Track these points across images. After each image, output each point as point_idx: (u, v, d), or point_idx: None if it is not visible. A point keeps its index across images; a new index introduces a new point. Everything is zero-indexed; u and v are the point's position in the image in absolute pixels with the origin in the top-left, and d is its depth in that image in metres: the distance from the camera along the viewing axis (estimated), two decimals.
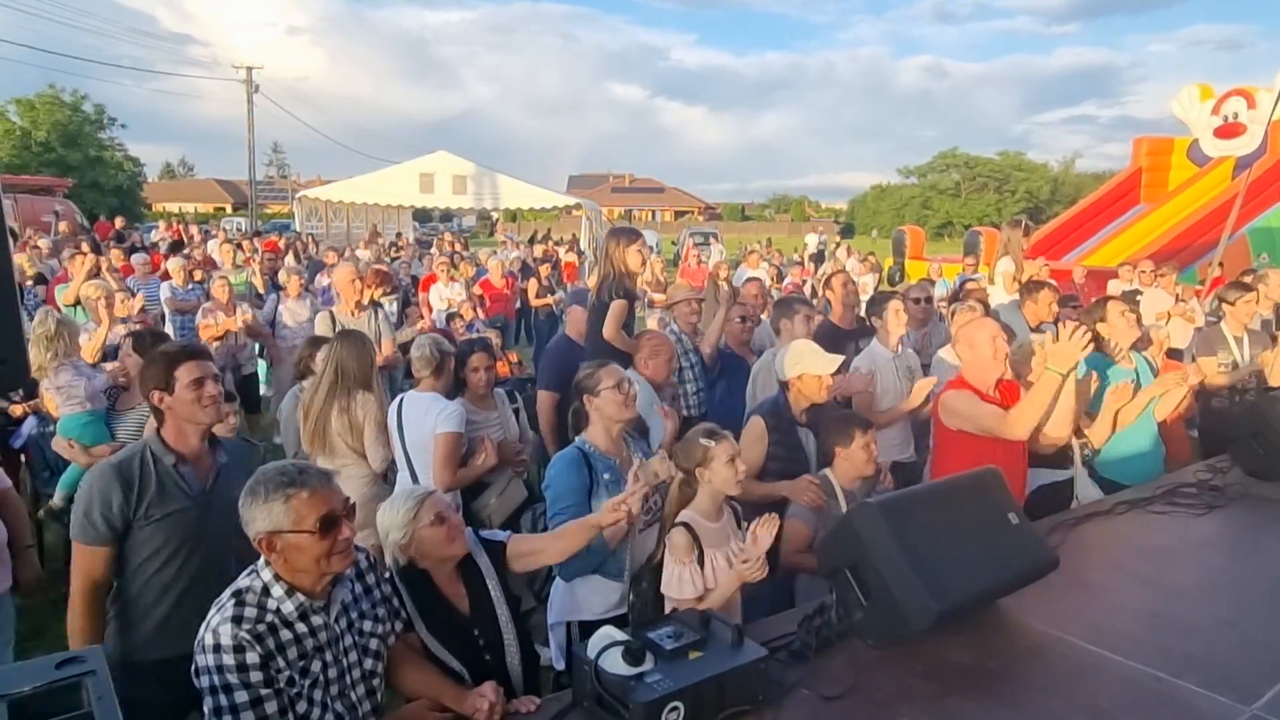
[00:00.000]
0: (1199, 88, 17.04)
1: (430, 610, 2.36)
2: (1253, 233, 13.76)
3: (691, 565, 2.55)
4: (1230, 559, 3.02)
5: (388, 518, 2.38)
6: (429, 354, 3.73)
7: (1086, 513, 3.32)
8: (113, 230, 19.33)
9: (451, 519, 2.39)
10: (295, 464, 1.93)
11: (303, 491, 1.83)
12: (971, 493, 2.46)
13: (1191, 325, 7.30)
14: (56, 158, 35.29)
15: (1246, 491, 3.54)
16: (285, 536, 1.83)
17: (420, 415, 3.59)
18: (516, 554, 2.53)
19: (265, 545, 1.85)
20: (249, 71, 32.42)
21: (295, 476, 1.85)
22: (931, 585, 2.13)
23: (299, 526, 1.82)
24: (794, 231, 52.98)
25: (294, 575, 1.87)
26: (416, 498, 2.38)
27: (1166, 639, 2.31)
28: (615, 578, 2.87)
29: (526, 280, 12.02)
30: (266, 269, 9.77)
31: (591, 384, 2.93)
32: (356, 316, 5.64)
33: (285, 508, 1.82)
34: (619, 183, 78.25)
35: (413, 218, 28.69)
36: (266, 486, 1.84)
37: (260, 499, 1.83)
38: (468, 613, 2.40)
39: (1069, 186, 60.71)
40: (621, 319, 4.13)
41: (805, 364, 3.49)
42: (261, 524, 1.83)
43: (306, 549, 1.83)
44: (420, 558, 2.38)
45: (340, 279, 5.81)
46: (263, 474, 1.88)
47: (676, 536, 2.59)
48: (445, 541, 2.35)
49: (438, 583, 2.40)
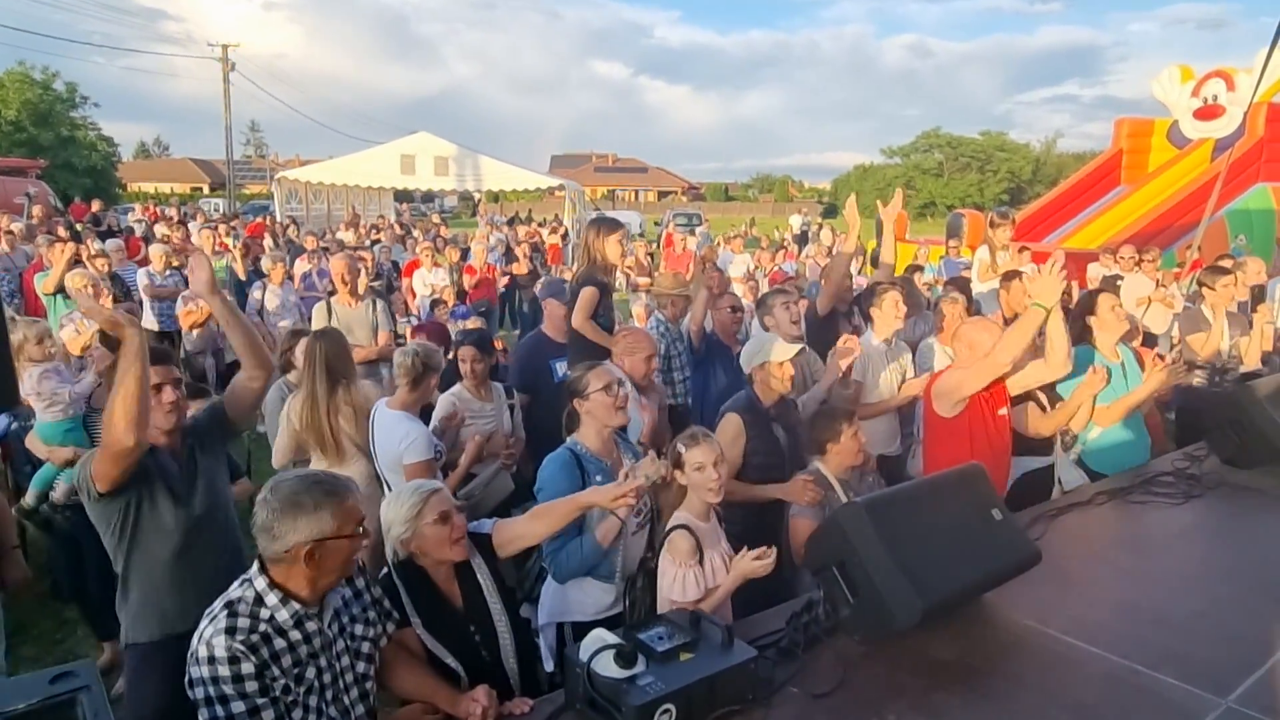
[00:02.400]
0: (1179, 69, 17.09)
1: (427, 608, 2.37)
2: (1230, 214, 13.86)
3: (695, 568, 2.57)
4: (1207, 549, 3.08)
5: (392, 510, 2.39)
6: (411, 364, 3.54)
7: (1067, 503, 3.38)
8: (89, 213, 19.03)
9: (456, 520, 2.38)
10: (322, 473, 2.05)
11: (348, 499, 1.95)
12: (955, 490, 2.50)
13: (1171, 311, 7.40)
14: (28, 137, 34.62)
15: (1223, 480, 3.61)
16: (329, 543, 1.88)
17: (386, 437, 3.47)
18: (502, 542, 2.54)
19: (306, 555, 1.87)
20: (225, 50, 31.88)
21: (334, 486, 1.95)
22: (917, 583, 2.17)
23: (342, 531, 1.91)
24: (778, 211, 53.01)
25: (302, 583, 1.90)
26: (422, 494, 2.38)
27: (1145, 631, 2.37)
28: (607, 579, 2.88)
29: (510, 264, 11.96)
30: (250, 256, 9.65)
31: (581, 386, 2.92)
32: (354, 306, 5.57)
33: (337, 513, 1.90)
34: (602, 162, 77.71)
35: (394, 199, 28.42)
36: (312, 496, 1.89)
37: (307, 510, 1.87)
38: (463, 610, 2.41)
39: (1050, 167, 61.01)
40: (591, 307, 4.07)
41: (765, 352, 3.51)
42: (307, 532, 1.86)
43: (344, 552, 1.93)
44: (420, 554, 2.39)
45: (337, 270, 5.72)
46: (297, 484, 1.92)
47: (679, 540, 2.59)
48: (447, 542, 2.36)
49: (435, 580, 2.41)
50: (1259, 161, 14.89)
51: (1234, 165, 11.79)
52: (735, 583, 2.56)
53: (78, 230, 12.63)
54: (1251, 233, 13.70)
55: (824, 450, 3.34)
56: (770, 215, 49.95)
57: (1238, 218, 13.89)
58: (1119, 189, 17.47)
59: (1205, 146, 16.24)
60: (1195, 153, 16.39)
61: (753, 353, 3.56)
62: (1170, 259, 11.94)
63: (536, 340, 4.59)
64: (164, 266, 8.46)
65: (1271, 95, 15.28)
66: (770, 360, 3.48)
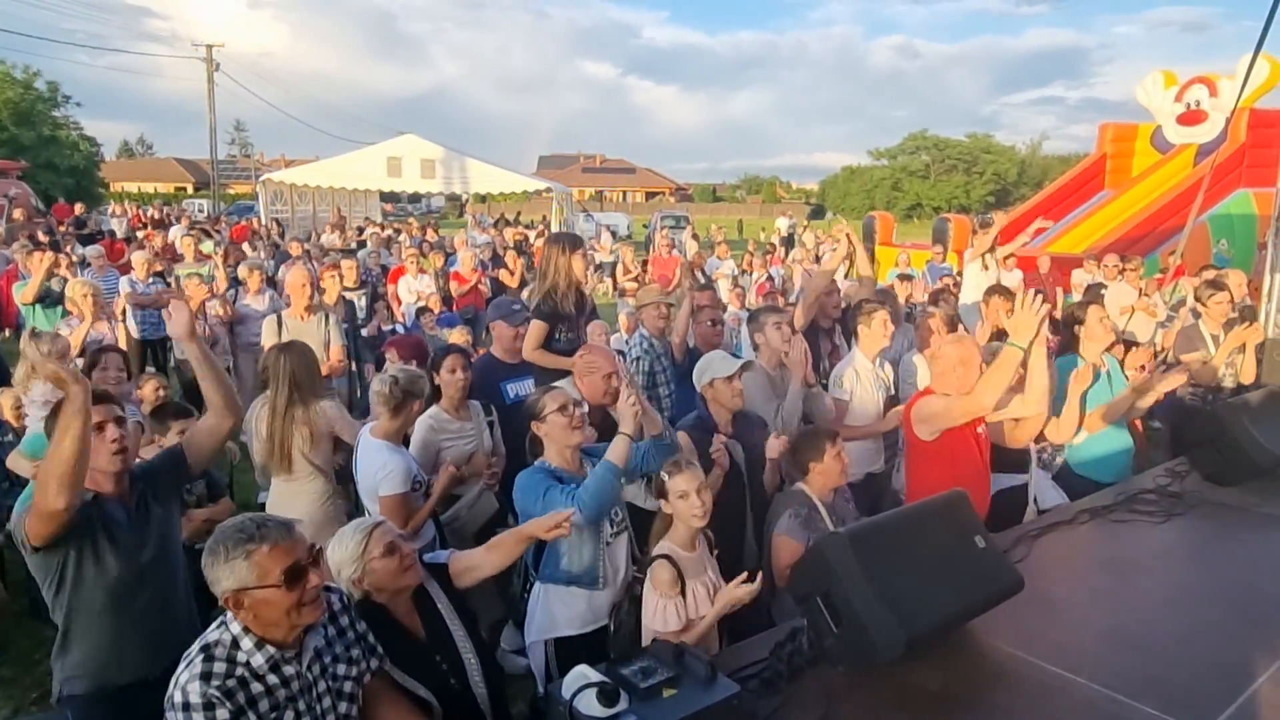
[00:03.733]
0: (1163, 74, 17.23)
1: (391, 642, 2.33)
2: (1213, 220, 13.99)
3: (676, 598, 2.57)
4: (1188, 571, 3.10)
5: (338, 554, 2.35)
6: (388, 392, 3.44)
7: (1049, 522, 3.39)
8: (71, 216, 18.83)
9: (403, 548, 2.37)
10: (254, 517, 1.88)
11: (264, 546, 1.80)
12: (939, 517, 2.50)
13: (1154, 320, 7.46)
14: (9, 137, 34.18)
15: (1204, 498, 3.64)
16: (252, 593, 1.80)
17: (366, 467, 3.43)
18: (458, 571, 2.57)
19: (233, 603, 1.81)
20: (209, 50, 31.63)
21: (254, 532, 1.81)
22: (900, 614, 2.17)
23: (264, 581, 1.79)
24: (765, 213, 53.07)
25: (264, 629, 1.85)
26: (364, 530, 2.36)
27: (1126, 658, 2.38)
28: (590, 586, 2.88)
29: (497, 269, 11.90)
30: (231, 261, 9.53)
31: (538, 410, 2.94)
32: (305, 320, 5.51)
33: (248, 564, 1.79)
34: (589, 163, 77.57)
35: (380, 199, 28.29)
36: (226, 545, 1.80)
37: (221, 558, 1.79)
38: (426, 640, 2.41)
39: (1036, 169, 61.46)
40: (539, 340, 4.17)
41: (712, 369, 3.54)
42: (226, 582, 1.80)
43: (275, 603, 1.81)
44: (375, 590, 2.36)
45: (293, 282, 5.60)
46: (221, 532, 1.84)
47: (660, 570, 2.59)
48: (398, 572, 2.34)
49: (395, 614, 2.40)
50: (1241, 167, 15.05)
51: (1216, 170, 11.89)
52: (722, 610, 2.56)
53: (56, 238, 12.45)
54: (1233, 238, 13.84)
55: (806, 470, 3.33)
56: (758, 216, 50.03)
57: (1220, 223, 14.02)
58: (1103, 193, 17.60)
59: (1188, 152, 16.38)
60: (1178, 158, 16.52)
61: (701, 370, 3.58)
62: (1153, 264, 12.03)
63: (486, 362, 4.52)
64: (146, 274, 8.37)
65: (1254, 101, 15.44)
66: (719, 376, 3.49)
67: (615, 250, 16.13)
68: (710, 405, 3.56)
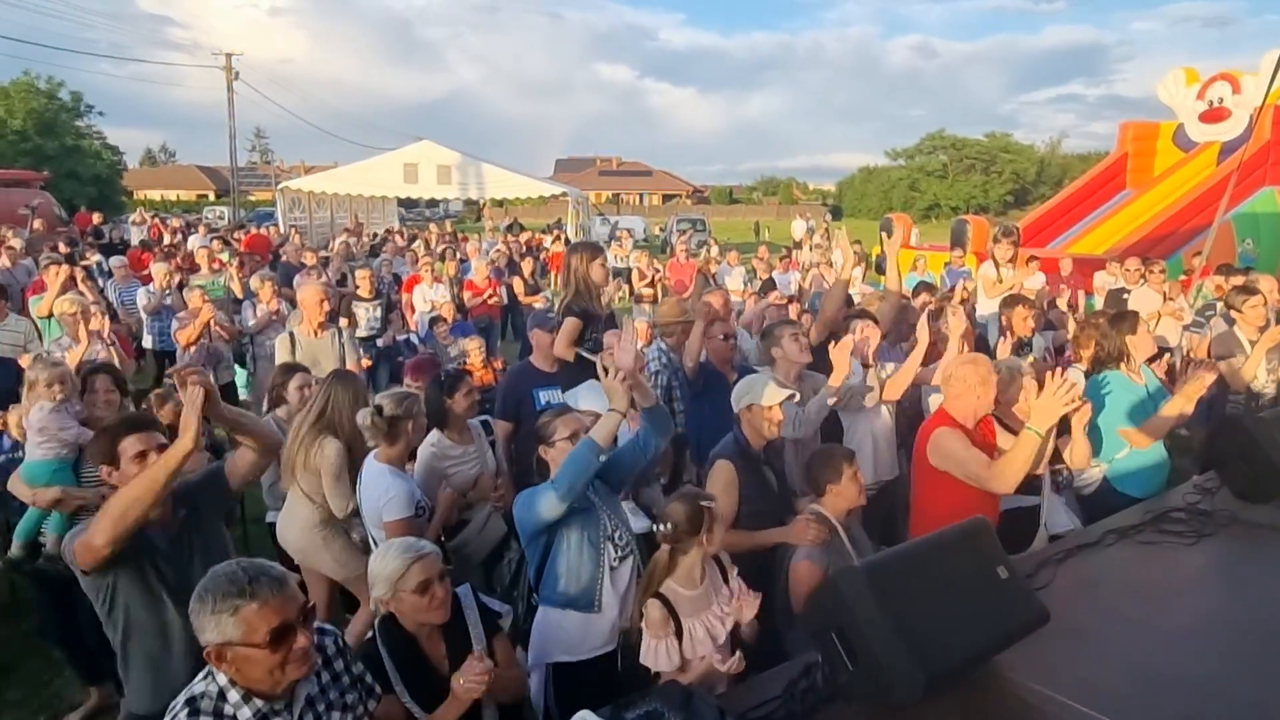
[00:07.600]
0: (1184, 71, 16.96)
1: (409, 670, 2.34)
2: (1237, 218, 13.73)
3: (669, 639, 2.50)
4: (1221, 598, 2.97)
5: (378, 566, 2.37)
6: (373, 425, 3.35)
7: (1075, 544, 3.27)
8: (90, 226, 19.00)
9: (436, 591, 2.34)
10: (247, 568, 1.78)
11: (253, 603, 1.71)
12: (959, 548, 2.40)
13: (1180, 324, 7.29)
14: (33, 147, 34.70)
15: (1235, 516, 3.50)
16: (235, 649, 1.72)
17: (370, 492, 3.39)
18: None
19: (215, 656, 1.74)
20: (228, 58, 31.89)
21: (245, 585, 1.73)
22: (919, 653, 2.07)
23: (249, 640, 1.71)
24: (782, 214, 52.88)
25: (249, 683, 1.78)
26: (407, 558, 2.34)
27: (1155, 697, 2.27)
28: (587, 609, 2.82)
29: (511, 276, 11.86)
30: (245, 272, 9.53)
31: (548, 434, 2.90)
32: (318, 337, 5.40)
33: (234, 620, 1.71)
34: (606, 166, 77.66)
35: (398, 204, 28.41)
36: (215, 595, 1.73)
37: (209, 609, 1.72)
38: (447, 673, 2.35)
39: (1055, 168, 60.82)
40: (573, 336, 4.14)
41: (754, 394, 3.39)
42: (210, 635, 1.73)
43: (259, 661, 1.73)
44: (399, 615, 2.37)
45: (306, 298, 5.48)
46: (213, 579, 1.77)
47: (651, 610, 2.54)
48: (424, 610, 2.34)
49: (418, 640, 2.38)
50: (1266, 164, 14.76)
51: (1241, 168, 11.65)
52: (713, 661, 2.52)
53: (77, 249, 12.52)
54: (1259, 237, 13.57)
55: (823, 491, 3.24)
56: (775, 218, 49.84)
57: (1244, 221, 13.75)
58: (1125, 193, 17.35)
59: (1211, 150, 16.11)
60: (1201, 156, 16.26)
61: (742, 393, 3.43)
62: (1177, 265, 11.81)
63: (522, 369, 4.59)
64: (165, 285, 8.40)
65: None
66: (759, 403, 3.36)
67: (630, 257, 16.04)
68: (746, 428, 3.44)
